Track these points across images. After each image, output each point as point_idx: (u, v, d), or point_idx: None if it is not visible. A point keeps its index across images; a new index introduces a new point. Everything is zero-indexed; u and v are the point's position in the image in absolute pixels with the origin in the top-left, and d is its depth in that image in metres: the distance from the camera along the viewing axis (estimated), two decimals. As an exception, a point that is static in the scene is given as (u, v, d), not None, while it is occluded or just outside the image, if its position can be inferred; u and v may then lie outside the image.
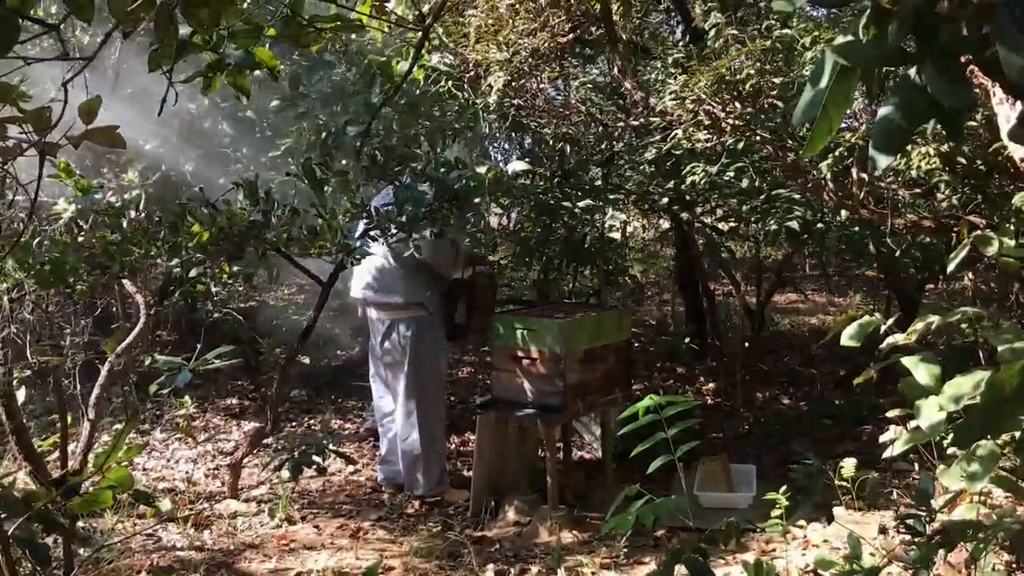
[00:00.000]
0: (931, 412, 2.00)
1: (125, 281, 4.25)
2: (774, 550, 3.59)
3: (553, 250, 5.62)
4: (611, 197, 5.16)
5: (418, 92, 3.84)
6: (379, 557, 3.76)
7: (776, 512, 3.18)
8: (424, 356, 4.38)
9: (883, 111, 1.28)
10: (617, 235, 6.60)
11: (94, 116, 1.46)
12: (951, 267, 2.38)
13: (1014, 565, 2.49)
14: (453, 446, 5.21)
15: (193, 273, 3.68)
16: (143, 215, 3.66)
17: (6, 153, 1.43)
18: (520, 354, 4.17)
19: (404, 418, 4.42)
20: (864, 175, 3.78)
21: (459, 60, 4.65)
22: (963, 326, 2.69)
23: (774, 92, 3.88)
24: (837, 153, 3.84)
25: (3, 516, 1.69)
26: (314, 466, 2.53)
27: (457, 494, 4.44)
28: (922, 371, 2.06)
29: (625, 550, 3.69)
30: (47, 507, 1.79)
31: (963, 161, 3.68)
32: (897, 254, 4.87)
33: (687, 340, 6.61)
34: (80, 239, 3.54)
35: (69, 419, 3.39)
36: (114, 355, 3.42)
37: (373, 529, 4.14)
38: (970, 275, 5.29)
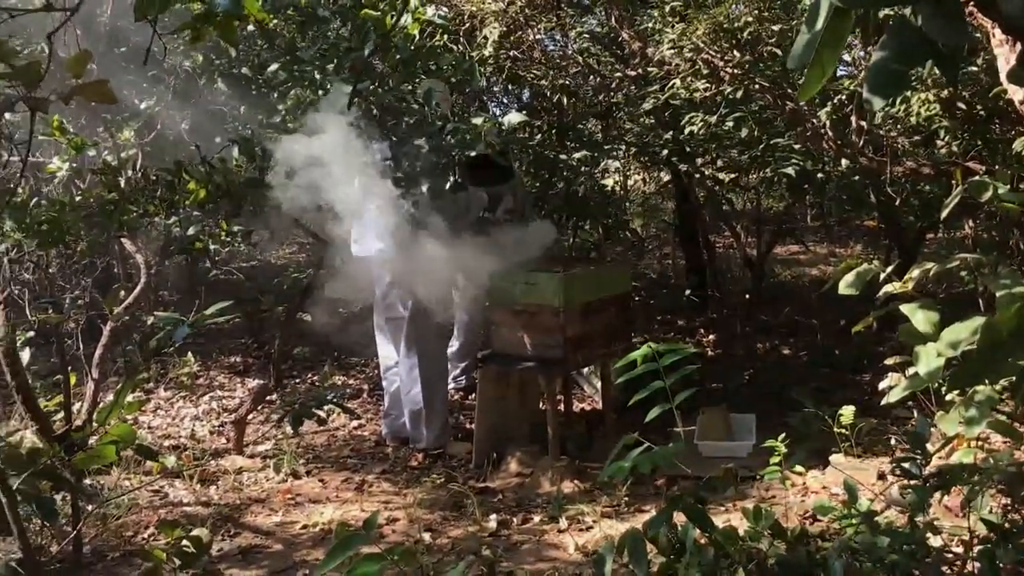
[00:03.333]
0: (929, 359, 2.01)
1: (125, 240, 4.25)
2: (773, 497, 3.64)
3: (552, 204, 5.60)
4: (607, 148, 5.12)
5: (412, 47, 3.79)
6: (383, 509, 3.81)
7: (775, 459, 3.21)
8: (426, 310, 4.39)
9: (878, 53, 1.27)
10: (610, 182, 6.56)
11: (83, 71, 1.45)
12: (944, 213, 2.38)
13: (1010, 507, 2.51)
14: (456, 399, 5.24)
15: (191, 231, 3.68)
16: (140, 173, 3.65)
17: (-4, 108, 1.42)
18: (520, 308, 4.18)
19: (407, 372, 4.44)
20: (863, 123, 3.75)
21: (453, 12, 4.60)
22: (962, 273, 2.70)
23: (773, 40, 3.85)
24: (836, 101, 3.81)
25: (11, 471, 1.71)
26: (315, 418, 2.55)
27: (460, 447, 4.48)
28: (920, 318, 2.07)
29: (626, 499, 3.73)
30: (52, 463, 1.81)
31: (963, 107, 3.66)
32: (897, 203, 4.85)
33: (688, 292, 6.62)
34: (78, 198, 3.53)
35: (73, 379, 3.42)
36: (115, 314, 3.43)
37: (378, 482, 4.18)
38: (970, 223, 5.28)
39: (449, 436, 4.56)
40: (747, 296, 6.48)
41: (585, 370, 5.10)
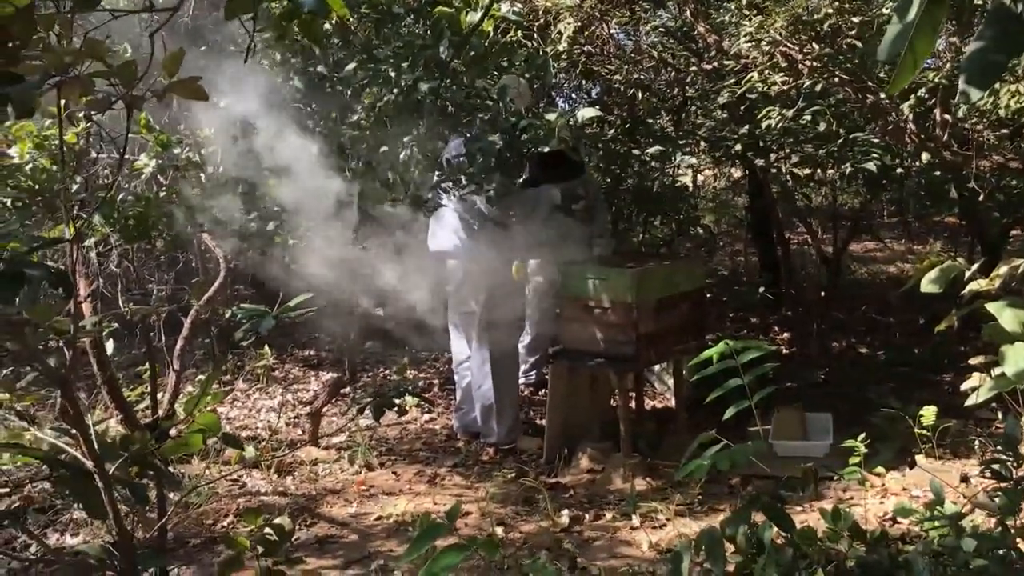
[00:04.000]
0: (1018, 358, 1.95)
1: (204, 235, 4.35)
2: (851, 498, 3.57)
3: (623, 200, 5.57)
4: (681, 143, 5.07)
5: (486, 44, 3.81)
6: (456, 502, 3.84)
7: (854, 459, 3.15)
8: (498, 306, 4.41)
9: (976, 42, 1.23)
10: (686, 179, 6.49)
11: (177, 69, 1.50)
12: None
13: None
14: (527, 394, 5.25)
15: (270, 227, 3.75)
16: (220, 170, 3.73)
17: (95, 105, 1.47)
18: (592, 303, 4.17)
19: (478, 367, 4.47)
20: (947, 116, 3.65)
21: (528, 8, 4.60)
22: (1052, 271, 2.61)
23: (853, 32, 3.77)
24: (919, 94, 3.72)
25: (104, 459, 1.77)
26: (395, 408, 2.59)
27: (531, 442, 4.50)
28: (1008, 316, 2.01)
29: (699, 497, 3.70)
30: (143, 450, 1.87)
31: (1055, 99, 3.53)
32: (980, 198, 4.71)
33: (761, 289, 6.52)
34: (161, 194, 3.63)
35: (156, 369, 3.51)
36: (198, 307, 3.52)
37: (449, 475, 4.22)
38: (1059, 218, 5.10)
39: (520, 431, 4.57)
40: (822, 293, 6.34)
41: (657, 367, 5.07)
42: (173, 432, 2.34)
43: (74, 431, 1.81)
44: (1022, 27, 1.16)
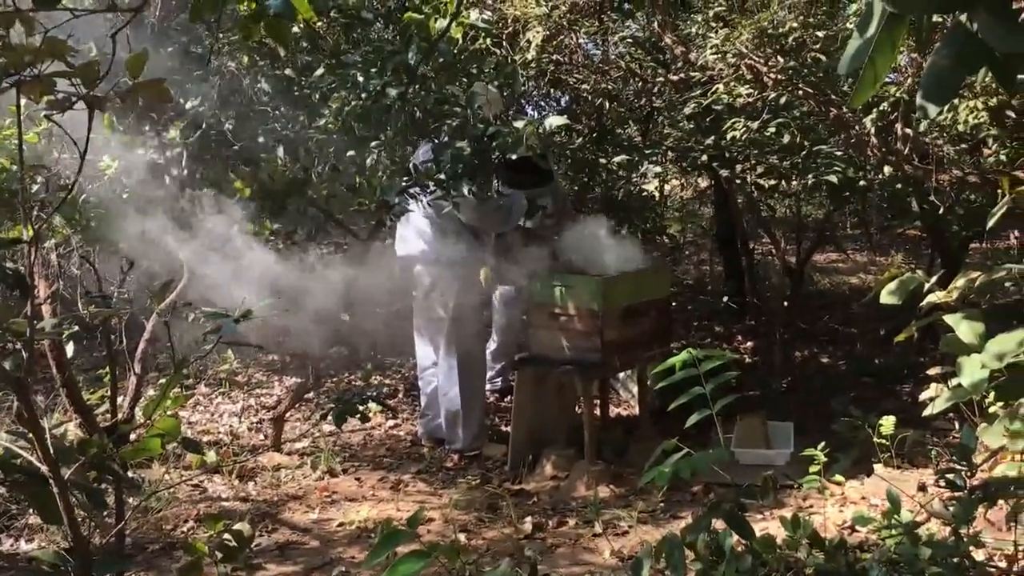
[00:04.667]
0: (973, 369, 1.98)
1: (168, 237, 4.31)
2: (811, 506, 3.61)
3: (591, 208, 5.59)
4: (647, 152, 5.11)
5: (455, 51, 3.81)
6: (420, 509, 3.83)
7: (814, 468, 3.18)
8: (466, 312, 4.41)
9: (933, 59, 1.26)
10: (651, 187, 6.54)
11: (141, 70, 1.48)
12: (991, 222, 2.34)
13: (1056, 522, 2.47)
14: (492, 401, 5.25)
15: (235, 230, 3.72)
16: (185, 172, 3.70)
17: (55, 105, 1.45)
18: (558, 311, 4.18)
19: (445, 373, 4.46)
20: (909, 130, 3.71)
21: (497, 16, 4.61)
22: (1008, 284, 2.66)
23: (817, 46, 3.82)
24: (882, 108, 3.77)
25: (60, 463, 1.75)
26: (357, 415, 2.58)
27: (496, 448, 4.50)
28: (965, 328, 2.05)
29: (662, 504, 3.72)
30: (101, 454, 1.85)
31: (1012, 115, 3.60)
32: (941, 211, 4.78)
33: (726, 299, 6.57)
34: (125, 196, 3.59)
35: (116, 372, 3.47)
36: (159, 310, 3.48)
37: (413, 482, 4.21)
38: (1016, 233, 5.20)
39: (485, 438, 4.57)
40: (786, 303, 6.41)
41: (622, 375, 5.09)
42: (133, 436, 2.31)
43: (30, 435, 1.78)
44: (978, 45, 1.19)
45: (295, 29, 3.89)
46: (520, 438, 4.32)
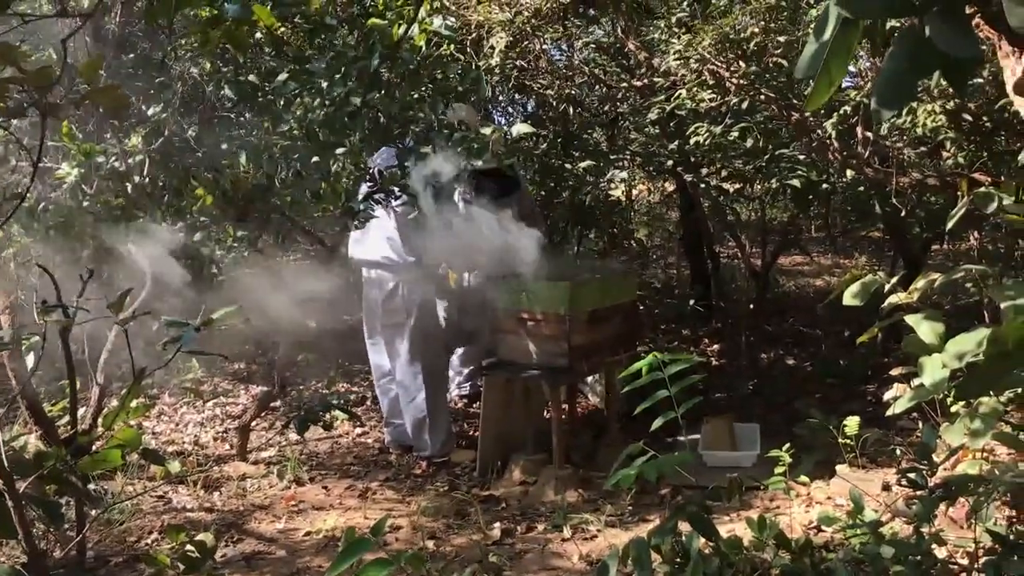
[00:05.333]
0: (934, 369, 2.00)
1: (130, 246, 4.26)
2: (778, 507, 3.63)
3: (558, 213, 5.61)
4: (612, 158, 5.13)
5: (418, 58, 3.80)
6: (385, 516, 3.80)
7: (779, 469, 3.21)
8: (428, 317, 4.39)
9: (887, 64, 1.27)
10: (618, 193, 6.57)
11: (96, 76, 1.46)
12: (950, 224, 2.38)
13: (1015, 519, 2.51)
14: (460, 407, 5.24)
15: (197, 237, 3.68)
16: (147, 180, 3.65)
17: (8, 113, 1.43)
18: (525, 316, 4.18)
19: (411, 379, 4.43)
20: (869, 134, 3.76)
21: (461, 22, 4.61)
22: (967, 285, 2.70)
23: (778, 51, 3.86)
24: (842, 112, 3.82)
25: (15, 476, 1.71)
26: (321, 423, 2.56)
27: (464, 454, 4.48)
28: (926, 329, 2.07)
29: (630, 508, 3.73)
30: (58, 467, 1.82)
31: (969, 118, 3.66)
32: (902, 214, 4.85)
33: (692, 302, 6.62)
34: (85, 204, 3.53)
35: (78, 384, 3.41)
36: (117, 320, 3.43)
37: (381, 489, 4.18)
38: (976, 234, 5.28)
39: (453, 444, 4.55)
40: (752, 306, 6.47)
41: (590, 379, 5.10)
42: (96, 447, 2.28)
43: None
44: (931, 50, 1.20)
45: (257, 35, 3.86)
46: (488, 443, 4.31)
